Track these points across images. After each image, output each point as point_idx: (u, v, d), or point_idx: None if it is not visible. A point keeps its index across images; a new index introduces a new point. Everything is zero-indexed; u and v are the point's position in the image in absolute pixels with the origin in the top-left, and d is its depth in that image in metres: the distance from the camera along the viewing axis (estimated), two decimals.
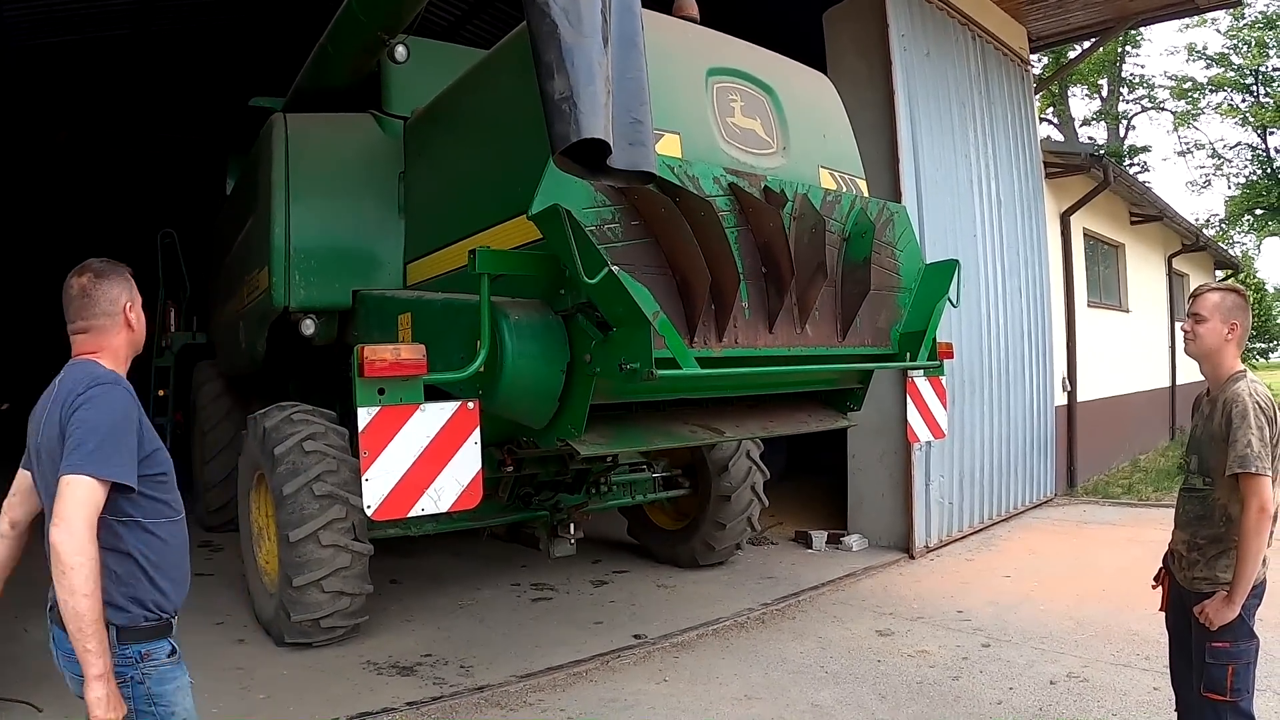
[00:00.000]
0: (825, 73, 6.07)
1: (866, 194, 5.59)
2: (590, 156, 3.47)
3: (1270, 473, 3.31)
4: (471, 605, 6.93)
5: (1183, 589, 3.63)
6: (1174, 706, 3.90)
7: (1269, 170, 33.15)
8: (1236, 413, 3.36)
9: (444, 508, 4.01)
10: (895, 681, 5.35)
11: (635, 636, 6.18)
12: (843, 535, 8.95)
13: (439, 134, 5.96)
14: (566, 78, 3.38)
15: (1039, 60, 19.35)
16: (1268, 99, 32.34)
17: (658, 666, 5.65)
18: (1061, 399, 12.11)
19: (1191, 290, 3.67)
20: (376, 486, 3.88)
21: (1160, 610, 3.86)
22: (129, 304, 2.88)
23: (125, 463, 2.56)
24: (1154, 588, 3.89)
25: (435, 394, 4.14)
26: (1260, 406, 3.37)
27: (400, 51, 6.47)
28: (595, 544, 8.72)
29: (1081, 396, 12.62)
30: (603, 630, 6.32)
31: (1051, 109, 35.38)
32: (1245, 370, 3.58)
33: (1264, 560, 3.37)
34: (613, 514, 8.23)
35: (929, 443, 8.01)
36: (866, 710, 4.93)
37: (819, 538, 8.94)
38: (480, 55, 5.69)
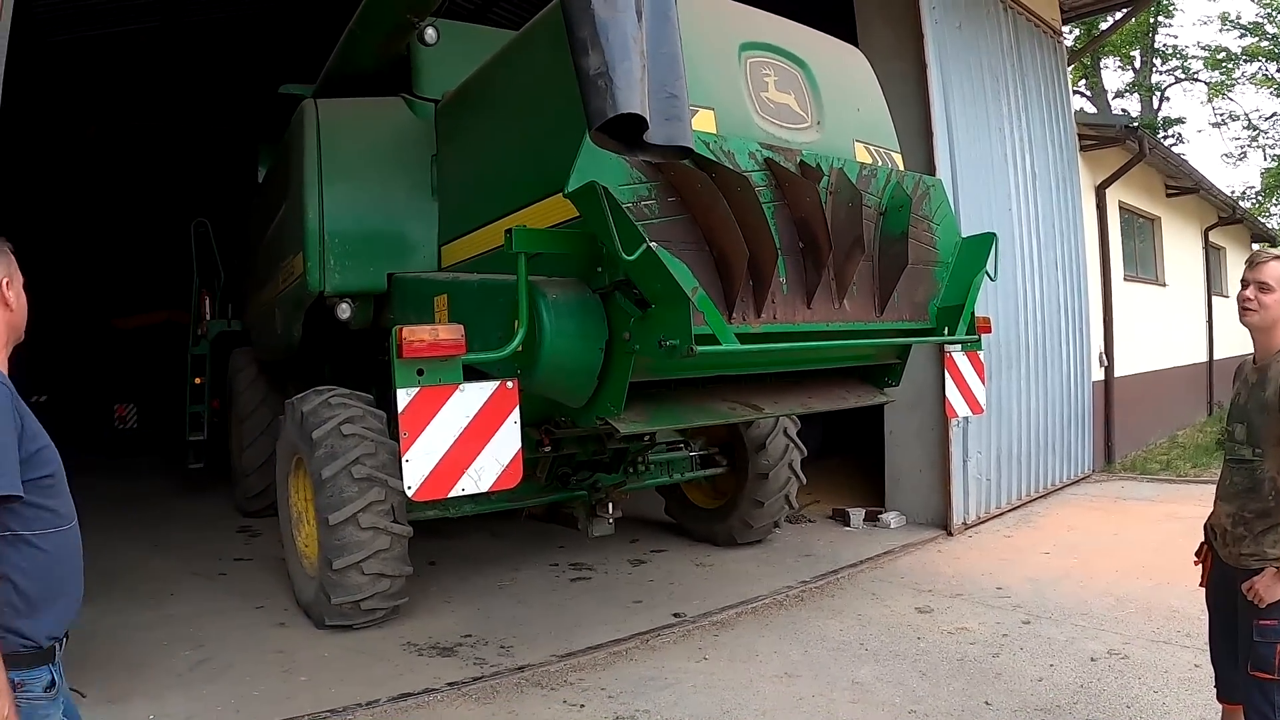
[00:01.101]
0: (855, 46, 6.02)
1: (902, 168, 5.54)
2: (627, 132, 3.46)
3: None
4: (510, 585, 6.95)
5: (1227, 565, 3.52)
6: (1213, 684, 3.81)
7: None
8: None
9: (484, 487, 4.02)
10: (935, 659, 5.32)
11: (674, 615, 6.19)
12: (880, 512, 8.93)
13: (471, 115, 5.96)
14: (601, 53, 3.37)
15: (1071, 32, 19.11)
16: None
17: (697, 645, 5.65)
18: (1099, 374, 12.01)
19: (1250, 256, 3.50)
20: (417, 467, 3.89)
21: (1200, 586, 3.76)
22: (5, 280, 2.48)
23: (5, 472, 2.21)
24: (1196, 563, 3.79)
25: (474, 374, 4.15)
26: None
27: (430, 34, 6.46)
28: (633, 523, 8.73)
29: (1119, 371, 12.52)
30: (642, 609, 6.33)
31: (1084, 81, 34.92)
32: None
33: None
34: (650, 493, 8.24)
35: (967, 418, 7.97)
36: (907, 687, 4.91)
37: (857, 515, 8.92)
38: (509, 36, 5.67)
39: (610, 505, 6.66)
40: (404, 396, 3.89)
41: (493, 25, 8.53)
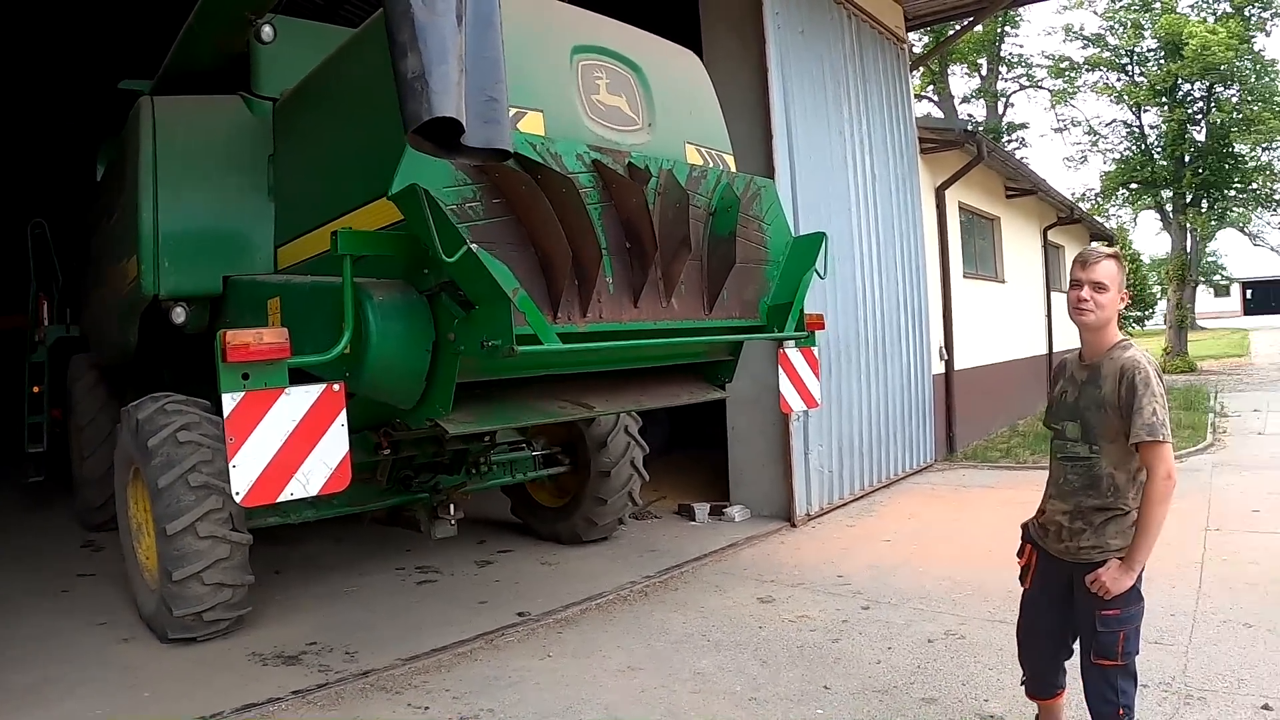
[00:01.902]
0: (700, 51, 6.13)
1: (734, 169, 5.67)
2: (445, 135, 3.48)
3: (1172, 439, 3.29)
4: (356, 591, 6.87)
5: (1062, 561, 3.59)
6: (1021, 680, 3.94)
7: (1143, 146, 34.29)
8: (1140, 380, 3.30)
9: (313, 491, 3.99)
10: (776, 647, 5.46)
11: (519, 614, 6.20)
12: (725, 507, 9.08)
13: (307, 116, 5.88)
14: (419, 56, 3.38)
15: (920, 38, 19.77)
16: (1142, 78, 33.47)
17: (542, 643, 5.69)
18: (939, 367, 12.46)
19: (1079, 254, 3.60)
20: (244, 472, 3.84)
21: (1022, 583, 3.85)
22: None
23: None
24: (1020, 563, 3.86)
25: (306, 378, 4.12)
26: (1158, 375, 3.36)
27: (267, 31, 6.33)
28: (479, 525, 8.74)
29: (959, 365, 13.01)
30: (487, 610, 6.33)
31: (932, 87, 36.20)
32: (1129, 338, 3.55)
33: None
34: (497, 494, 8.25)
35: (804, 412, 8.19)
36: (748, 675, 5.03)
37: (701, 510, 9.06)
38: (348, 35, 5.62)
39: (452, 507, 6.64)
40: (229, 401, 3.84)
41: (343, 23, 8.41)
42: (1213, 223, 35.59)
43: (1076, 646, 3.65)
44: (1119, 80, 34.98)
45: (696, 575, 7.12)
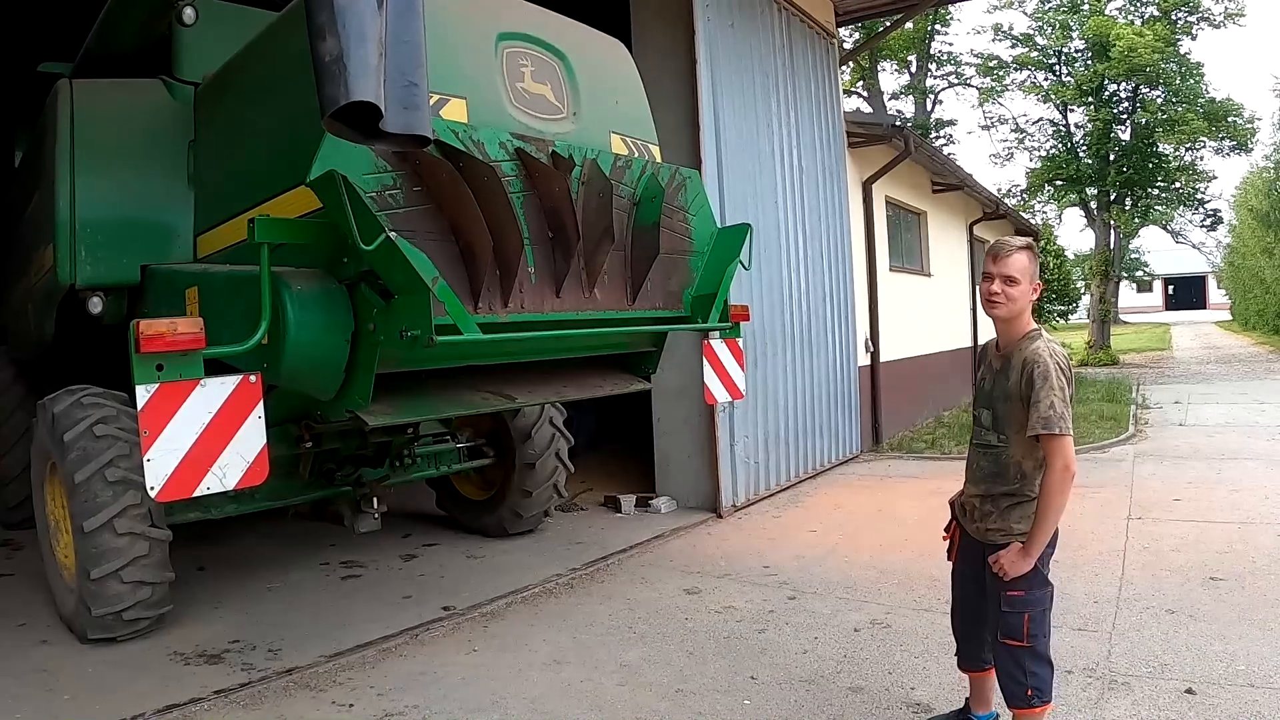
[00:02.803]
0: (629, 41, 6.12)
1: (659, 159, 5.68)
2: (363, 120, 3.43)
3: (1071, 432, 3.36)
4: (280, 587, 6.77)
5: (975, 540, 3.72)
6: (954, 653, 4.09)
7: (1068, 145, 34.97)
8: (1039, 373, 3.38)
9: (230, 485, 3.90)
10: (702, 638, 5.48)
11: (444, 609, 6.16)
12: (651, 498, 9.11)
13: (227, 101, 5.77)
14: (338, 39, 3.33)
15: (850, 34, 19.95)
16: (1069, 78, 34.14)
17: (467, 637, 5.65)
18: (865, 359, 12.61)
19: (990, 247, 3.64)
20: (158, 467, 3.73)
21: (948, 560, 4.00)
22: None
23: None
24: (944, 539, 4.02)
25: (223, 369, 4.04)
26: (1060, 367, 3.41)
27: (188, 14, 6.16)
28: (405, 518, 8.69)
29: (885, 357, 13.18)
30: (412, 604, 6.28)
31: (862, 83, 36.60)
32: (1040, 329, 3.62)
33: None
34: (422, 487, 8.19)
35: (729, 403, 8.22)
36: (674, 667, 5.04)
37: (627, 502, 9.06)
38: (272, 18, 5.53)
39: (375, 500, 6.57)
40: (143, 393, 3.74)
41: (268, 7, 8.25)
42: (1136, 220, 36.44)
43: None
44: (1046, 80, 35.66)
45: (623, 567, 7.12)
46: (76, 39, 7.43)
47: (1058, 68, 35.12)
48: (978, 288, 3.81)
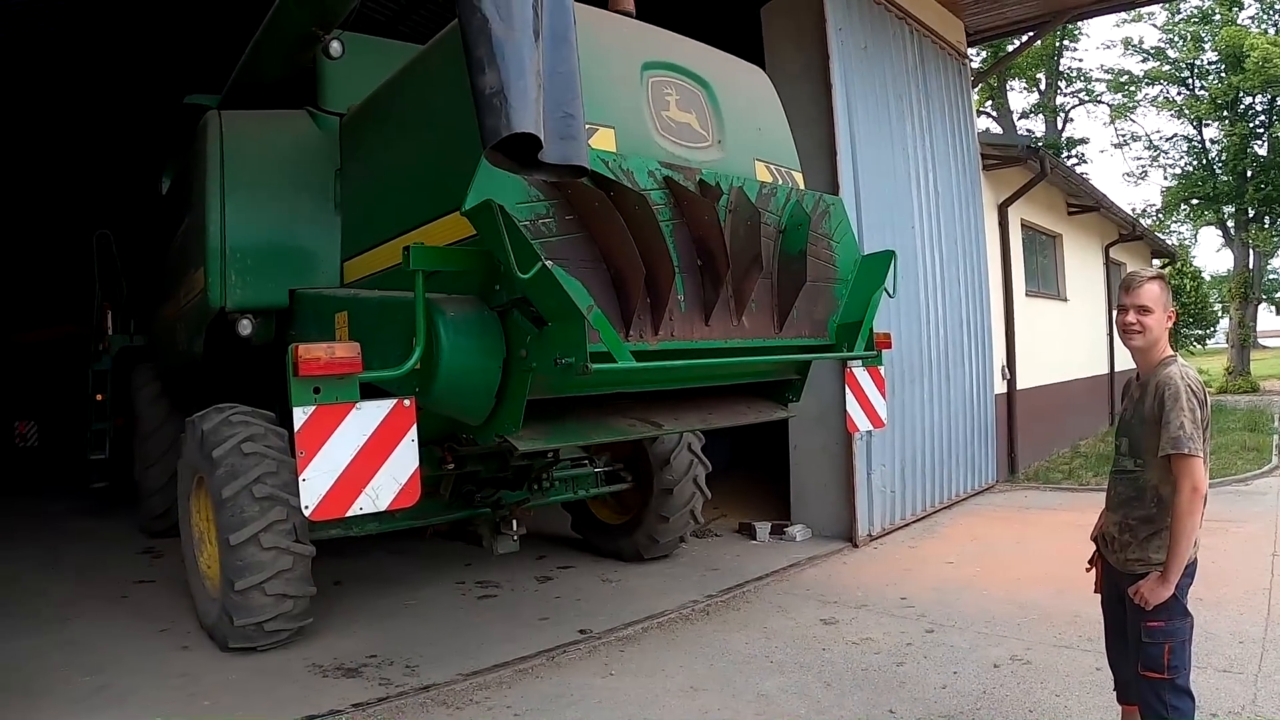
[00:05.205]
0: (762, 67, 6.10)
1: (803, 186, 5.63)
2: (522, 151, 3.47)
3: (1201, 454, 3.36)
4: (416, 604, 6.88)
5: (1116, 571, 3.70)
6: (1113, 686, 3.98)
7: (1204, 161, 33.85)
8: (1169, 395, 3.41)
9: (382, 506, 3.99)
10: (840, 669, 5.38)
11: (580, 631, 6.17)
12: (786, 526, 9.02)
13: (374, 130, 5.92)
14: (497, 72, 3.39)
15: (977, 54, 19.62)
16: (1202, 91, 33.04)
17: (603, 660, 5.65)
18: (1001, 387, 12.30)
19: (1124, 279, 3.74)
20: (314, 486, 3.84)
21: (1095, 592, 3.94)
22: None
23: None
24: (1088, 570, 3.97)
25: (374, 392, 4.12)
26: (1192, 389, 3.43)
27: (335, 47, 6.39)
28: (539, 540, 8.71)
29: (1021, 384, 12.82)
30: (548, 626, 6.31)
31: (990, 102, 35.91)
32: (1176, 355, 3.65)
33: (1195, 541, 3.43)
34: (557, 510, 8.23)
35: (869, 432, 8.09)
36: (812, 698, 4.96)
37: (763, 529, 8.99)
38: (416, 50, 5.65)
39: (514, 522, 6.64)
40: (300, 415, 3.85)
41: (403, 38, 8.47)
42: (1275, 239, 34.96)
43: None
44: (1179, 94, 34.58)
45: (759, 595, 7.05)
46: (216, 73, 7.73)
47: (1190, 81, 34.05)
48: (1114, 315, 3.79)
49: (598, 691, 5.14)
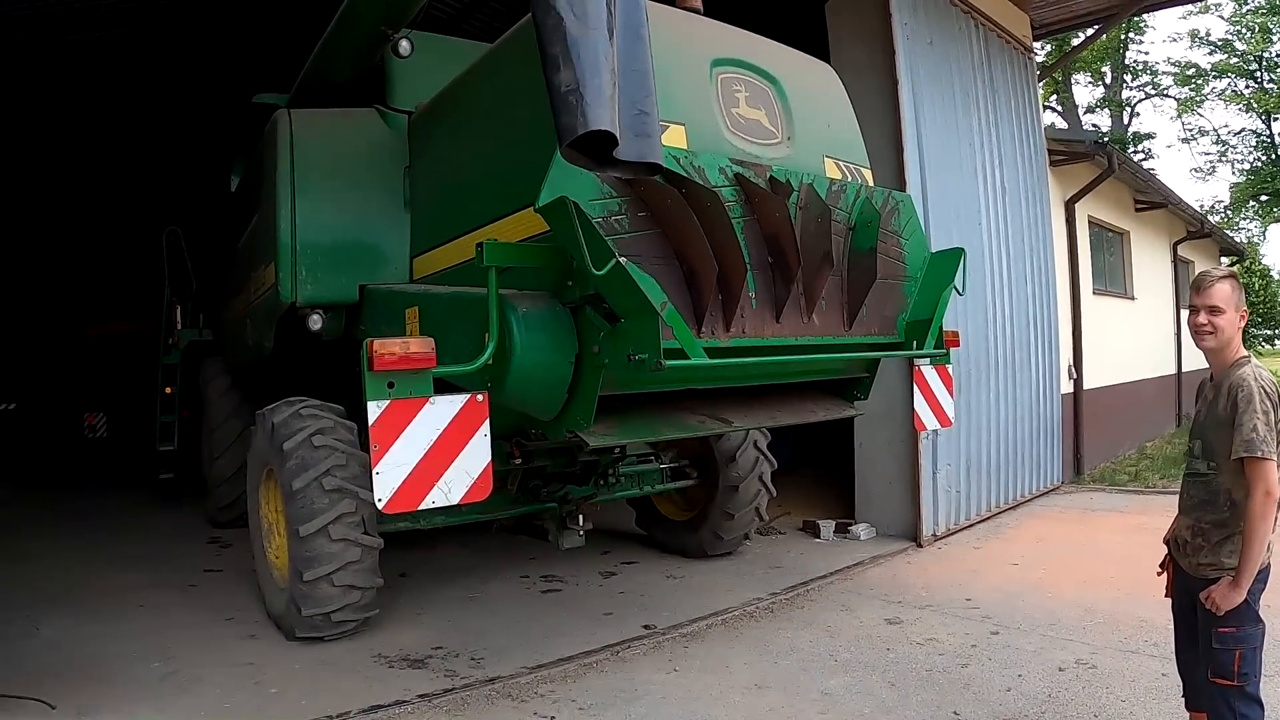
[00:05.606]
0: (827, 61, 6.07)
1: (871, 183, 5.60)
2: (597, 148, 3.48)
3: (1275, 457, 3.31)
4: (481, 597, 6.94)
5: (1188, 575, 3.64)
6: (1181, 692, 3.91)
7: (1274, 156, 33.15)
8: (1242, 397, 3.36)
9: (454, 500, 4.03)
10: (905, 669, 5.36)
11: (645, 627, 6.19)
12: (850, 524, 8.98)
13: (444, 128, 5.97)
14: (573, 70, 3.40)
15: (1042, 48, 19.33)
16: (1271, 84, 32.35)
17: (668, 656, 5.66)
18: (1067, 387, 12.12)
19: (1194, 280, 3.67)
20: (387, 480, 3.89)
21: (1165, 596, 3.87)
22: None
23: None
24: (1159, 574, 3.91)
25: (445, 387, 4.16)
26: (1265, 391, 3.38)
27: (404, 46, 6.46)
28: (604, 535, 8.73)
29: (1088, 384, 12.63)
30: (612, 621, 6.34)
31: (1055, 96, 35.37)
32: (1249, 355, 3.59)
33: (1268, 546, 3.38)
34: (621, 505, 8.24)
35: (936, 431, 8.03)
36: (876, 698, 4.94)
37: (827, 527, 8.95)
38: (484, 49, 5.69)
39: (581, 517, 6.68)
40: (374, 409, 3.89)
41: (468, 36, 8.53)
42: None
43: None
44: (1248, 87, 33.82)
45: (823, 594, 7.02)
46: (283, 72, 7.83)
47: (1259, 74, 33.25)
48: (1184, 314, 3.72)
49: (662, 687, 5.15)
